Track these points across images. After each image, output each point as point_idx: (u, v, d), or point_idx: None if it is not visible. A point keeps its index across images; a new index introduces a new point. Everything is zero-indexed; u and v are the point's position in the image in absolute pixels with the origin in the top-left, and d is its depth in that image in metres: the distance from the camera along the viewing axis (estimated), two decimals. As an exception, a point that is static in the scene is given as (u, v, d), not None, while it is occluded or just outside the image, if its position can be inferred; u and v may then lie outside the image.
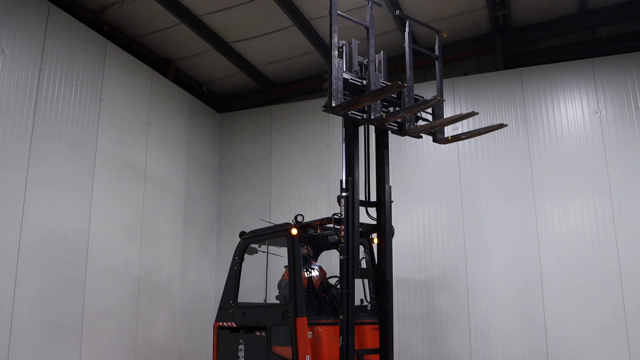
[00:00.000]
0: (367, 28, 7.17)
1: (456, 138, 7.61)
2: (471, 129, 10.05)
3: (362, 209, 7.26)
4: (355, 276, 6.69)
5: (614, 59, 9.63)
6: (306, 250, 8.00)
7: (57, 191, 7.95)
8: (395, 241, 7.48)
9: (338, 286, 7.55)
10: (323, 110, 6.62)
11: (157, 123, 10.17)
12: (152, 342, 9.46)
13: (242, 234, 8.50)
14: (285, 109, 11.75)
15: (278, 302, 7.86)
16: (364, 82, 6.94)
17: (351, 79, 6.86)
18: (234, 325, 8.14)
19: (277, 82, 12.22)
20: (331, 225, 7.44)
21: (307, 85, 11.94)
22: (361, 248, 7.73)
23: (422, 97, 7.50)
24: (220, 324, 8.40)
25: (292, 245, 7.43)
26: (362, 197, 7.30)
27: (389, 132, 7.26)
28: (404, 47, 7.47)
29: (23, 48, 7.66)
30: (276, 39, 10.58)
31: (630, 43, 9.98)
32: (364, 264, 7.99)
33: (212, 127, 11.98)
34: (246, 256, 8.39)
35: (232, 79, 11.94)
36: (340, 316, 6.68)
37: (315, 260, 8.35)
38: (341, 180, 7.05)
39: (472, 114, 6.68)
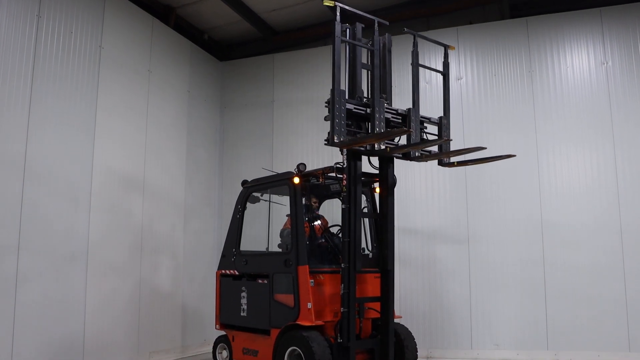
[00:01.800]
0: (371, 50, 7.03)
1: (462, 164, 7.53)
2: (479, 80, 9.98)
3: (364, 158, 7.26)
4: (357, 268, 6.75)
5: (622, 8, 9.45)
6: (310, 201, 8.03)
7: (59, 141, 7.90)
8: (397, 190, 7.51)
9: (340, 235, 7.61)
10: (325, 144, 6.56)
11: (159, 71, 10.06)
12: (156, 290, 9.57)
13: (244, 182, 8.52)
14: (287, 57, 11.61)
15: (280, 250, 7.93)
16: (368, 110, 6.80)
17: (355, 108, 6.71)
18: (236, 273, 8.23)
19: (280, 30, 12.03)
20: (333, 174, 7.46)
21: (310, 33, 11.77)
22: (363, 197, 7.75)
23: (429, 119, 7.40)
24: (223, 271, 8.50)
25: (294, 193, 7.45)
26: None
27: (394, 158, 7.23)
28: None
29: (20, -6, 7.52)
30: (279, -14, 10.38)
31: (641, -8, 9.78)
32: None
33: (214, 75, 11.87)
34: (248, 205, 8.43)
35: (234, 27, 11.75)
36: (342, 264, 6.75)
37: (318, 209, 8.39)
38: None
39: (479, 148, 6.78)
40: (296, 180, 7.47)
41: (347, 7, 6.74)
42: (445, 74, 7.65)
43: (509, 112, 9.77)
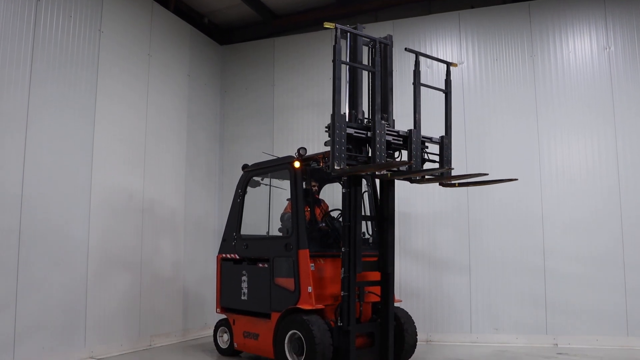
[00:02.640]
0: (372, 72, 7.00)
1: (463, 185, 7.49)
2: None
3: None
4: (358, 270, 6.80)
5: (625, -8, 9.41)
6: (310, 185, 8.03)
7: (59, 125, 7.88)
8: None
9: (340, 219, 7.62)
10: (325, 170, 6.53)
11: (158, 55, 10.01)
12: (157, 273, 9.60)
13: (244, 166, 8.52)
14: (288, 41, 11.55)
15: (280, 234, 7.95)
16: (368, 133, 6.76)
17: (355, 132, 6.66)
18: (237, 257, 8.25)
19: (280, 14, 11.96)
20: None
21: (310, 17, 11.69)
22: (364, 181, 7.75)
23: (430, 139, 7.38)
24: (224, 256, 8.52)
25: (295, 178, 7.45)
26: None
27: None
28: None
29: (18, -23, 7.46)
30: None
31: (645, -25, 9.72)
32: (366, 198, 8.04)
33: (214, 59, 11.83)
34: (249, 189, 8.44)
35: (234, 10, 11.68)
36: (343, 249, 6.77)
37: (318, 194, 8.39)
38: (344, 114, 6.99)
39: (481, 174, 6.84)
40: (297, 164, 7.47)
41: (347, 29, 6.71)
42: (448, 92, 7.57)
43: (510, 97, 9.75)
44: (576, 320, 8.98)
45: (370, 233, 8.06)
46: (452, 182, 7.42)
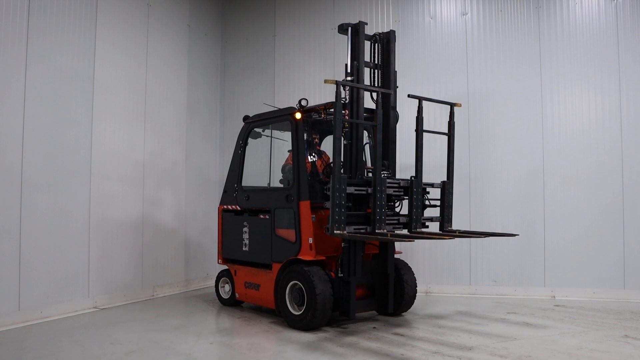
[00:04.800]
0: (374, 126, 6.89)
1: (463, 235, 7.42)
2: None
3: (366, 94, 7.19)
4: (357, 273, 6.88)
5: (635, -60, 9.19)
6: (311, 137, 8.00)
7: (58, 77, 7.81)
8: (400, 125, 7.49)
9: (342, 170, 7.61)
10: (325, 232, 6.52)
11: (158, 4, 9.85)
12: (158, 225, 9.66)
13: (245, 118, 8.47)
14: (289, -9, 11.38)
15: (282, 186, 7.96)
16: (369, 189, 6.69)
17: (356, 190, 6.60)
18: (238, 208, 8.28)
19: (282, -37, 11.75)
20: (335, 110, 7.39)
21: (312, -34, 11.49)
22: (365, 133, 7.72)
23: (432, 184, 7.38)
24: (225, 207, 8.54)
25: (296, 129, 7.41)
26: (367, 81, 7.22)
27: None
28: None
29: None
30: None
31: None
32: (367, 150, 8.03)
33: (214, 9, 11.64)
34: (250, 140, 8.41)
35: (235, -41, 11.48)
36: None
37: (319, 145, 8.37)
38: (346, 65, 6.94)
39: (482, 234, 7.01)
40: (298, 115, 7.41)
41: (349, 84, 6.63)
42: (451, 135, 7.54)
43: (514, 49, 9.62)
44: (574, 273, 9.06)
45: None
46: (454, 230, 7.51)
